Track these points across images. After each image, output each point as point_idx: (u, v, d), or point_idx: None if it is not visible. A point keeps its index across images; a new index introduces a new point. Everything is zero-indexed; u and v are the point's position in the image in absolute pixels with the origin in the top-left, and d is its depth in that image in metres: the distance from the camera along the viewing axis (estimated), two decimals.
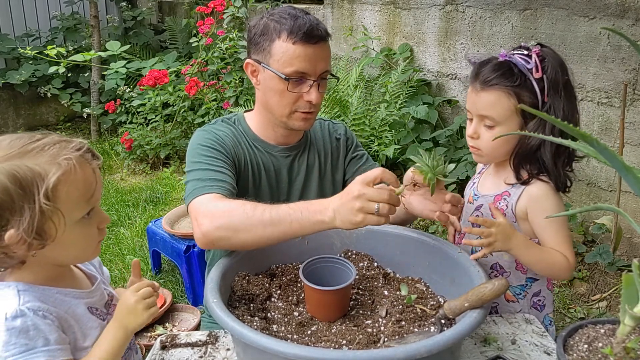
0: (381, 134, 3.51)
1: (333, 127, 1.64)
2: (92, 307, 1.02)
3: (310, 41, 1.35)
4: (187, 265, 2.61)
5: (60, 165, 0.90)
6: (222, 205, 1.23)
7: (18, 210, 0.87)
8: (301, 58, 1.36)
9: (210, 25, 4.06)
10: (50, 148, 0.91)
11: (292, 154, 1.53)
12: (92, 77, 4.97)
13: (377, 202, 1.05)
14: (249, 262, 1.25)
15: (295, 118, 1.43)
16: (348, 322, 1.12)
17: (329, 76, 1.46)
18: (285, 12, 1.40)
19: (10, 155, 0.89)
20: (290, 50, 1.36)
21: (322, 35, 1.38)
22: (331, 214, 1.10)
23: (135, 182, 4.16)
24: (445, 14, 3.66)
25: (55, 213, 0.89)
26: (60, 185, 0.89)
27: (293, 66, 1.36)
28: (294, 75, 1.37)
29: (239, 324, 0.94)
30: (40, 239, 0.90)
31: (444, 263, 1.20)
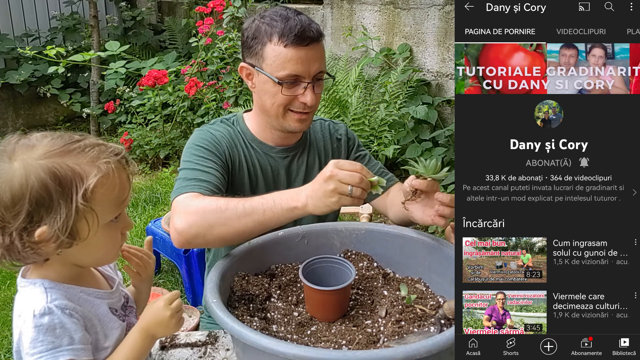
0: (381, 134, 3.51)
1: (334, 127, 1.63)
2: (113, 308, 1.03)
3: (302, 43, 1.34)
4: (186, 266, 2.61)
5: (100, 168, 0.91)
6: (196, 202, 1.23)
7: (55, 207, 0.88)
8: (294, 61, 1.35)
9: (209, 25, 4.06)
10: (90, 150, 0.93)
11: (290, 155, 1.52)
12: (92, 77, 4.97)
13: (349, 185, 1.08)
14: (249, 262, 1.24)
15: (290, 119, 1.43)
16: (348, 322, 1.12)
17: (325, 76, 1.45)
18: (277, 14, 1.38)
19: (52, 153, 0.90)
20: (282, 54, 1.35)
21: (314, 37, 1.36)
22: (304, 200, 1.13)
23: (135, 182, 4.15)
24: (444, 14, 3.66)
25: (90, 214, 0.90)
26: (98, 187, 0.90)
27: (286, 69, 1.36)
28: (287, 79, 1.37)
29: (238, 324, 0.94)
30: (71, 239, 0.90)
31: (444, 263, 1.20)
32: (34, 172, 0.87)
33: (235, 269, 1.20)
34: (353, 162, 1.13)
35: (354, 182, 1.08)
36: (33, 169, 0.87)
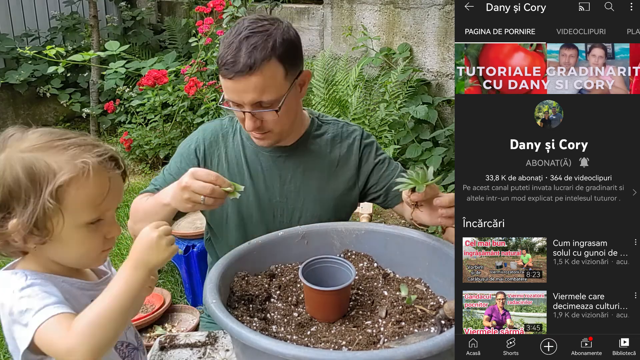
0: (381, 133, 3.51)
1: (347, 130, 1.56)
2: None
3: (227, 75, 1.32)
4: (186, 266, 2.61)
5: (75, 166, 0.91)
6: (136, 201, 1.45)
7: (23, 201, 0.89)
8: (228, 89, 1.36)
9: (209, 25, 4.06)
10: (73, 149, 0.93)
11: (282, 155, 1.51)
12: (92, 77, 4.97)
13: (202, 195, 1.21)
14: (249, 262, 1.24)
15: (253, 135, 1.45)
16: (348, 322, 1.12)
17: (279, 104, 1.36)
18: (234, 31, 1.34)
19: (34, 147, 0.92)
20: (222, 80, 1.37)
21: (239, 70, 1.30)
22: (169, 199, 1.29)
23: (135, 182, 4.15)
24: (444, 13, 3.66)
25: (57, 213, 0.90)
26: (69, 186, 0.90)
27: (225, 94, 1.38)
28: (228, 104, 1.40)
29: (238, 324, 0.94)
30: (40, 234, 0.91)
31: (444, 263, 1.20)
32: (11, 165, 0.90)
33: (235, 269, 1.20)
34: (210, 172, 1.23)
35: (205, 193, 1.21)
36: (12, 162, 0.90)
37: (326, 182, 1.52)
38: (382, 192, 1.55)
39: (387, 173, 1.54)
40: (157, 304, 2.54)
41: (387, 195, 1.55)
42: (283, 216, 1.51)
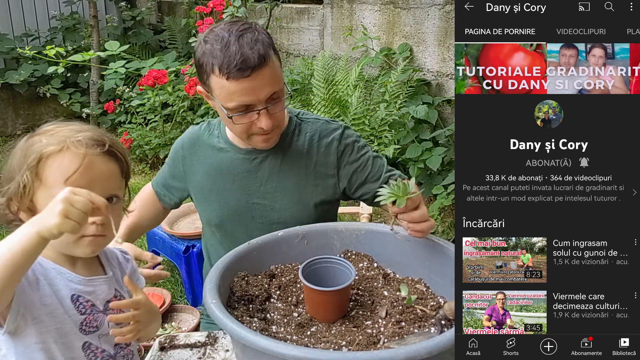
0: (381, 133, 3.51)
1: (326, 129, 1.51)
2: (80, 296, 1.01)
3: (243, 75, 1.27)
4: (186, 266, 2.61)
5: (59, 143, 0.96)
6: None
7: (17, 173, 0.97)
8: (239, 92, 1.29)
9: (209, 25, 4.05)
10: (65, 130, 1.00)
11: (259, 157, 1.48)
12: (92, 77, 4.97)
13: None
14: (248, 262, 1.24)
15: (255, 141, 1.42)
16: (348, 322, 1.12)
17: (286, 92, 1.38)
18: (218, 39, 1.29)
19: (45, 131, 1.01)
20: (226, 86, 1.29)
21: (255, 64, 1.27)
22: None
23: (135, 182, 4.15)
24: (445, 13, 3.66)
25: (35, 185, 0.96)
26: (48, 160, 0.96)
27: (234, 101, 1.31)
28: (239, 109, 1.32)
29: (238, 325, 0.94)
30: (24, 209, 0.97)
31: (444, 263, 1.19)
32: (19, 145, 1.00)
33: (234, 270, 1.20)
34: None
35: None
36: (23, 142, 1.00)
37: (304, 182, 1.49)
38: (371, 192, 1.50)
39: (372, 172, 1.50)
40: (157, 304, 2.54)
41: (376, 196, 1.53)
42: (262, 217, 1.49)
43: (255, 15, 4.73)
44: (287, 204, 1.48)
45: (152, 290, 2.69)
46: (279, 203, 1.48)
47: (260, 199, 1.49)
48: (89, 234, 0.98)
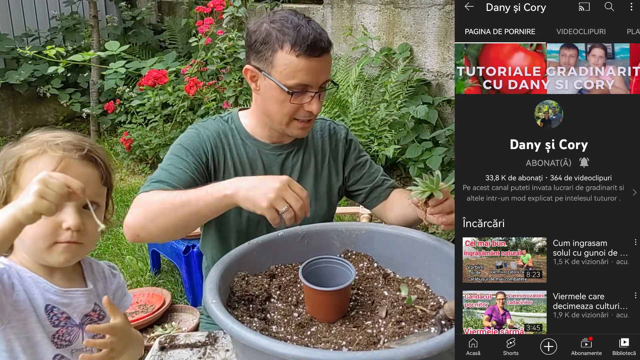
0: (381, 133, 3.50)
1: (334, 128, 1.63)
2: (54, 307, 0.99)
3: (313, 54, 1.34)
4: (186, 266, 2.61)
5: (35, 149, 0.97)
6: (145, 197, 1.30)
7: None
8: (304, 71, 1.35)
9: (209, 25, 4.06)
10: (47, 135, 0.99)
11: (284, 152, 1.52)
12: (92, 77, 4.97)
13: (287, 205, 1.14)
14: (248, 262, 1.24)
15: (293, 126, 1.44)
16: (348, 322, 1.12)
17: (330, 85, 1.46)
18: (288, 20, 1.36)
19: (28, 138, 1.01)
20: (293, 63, 1.34)
21: (325, 47, 1.36)
22: (234, 189, 1.18)
23: (135, 182, 4.15)
24: (445, 13, 3.66)
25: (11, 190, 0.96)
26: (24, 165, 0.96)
27: (295, 79, 1.36)
28: (296, 88, 1.37)
29: (238, 325, 0.94)
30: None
31: (444, 263, 1.19)
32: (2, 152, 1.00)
33: (235, 269, 1.20)
34: (303, 189, 1.18)
35: (294, 205, 1.14)
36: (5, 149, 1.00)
37: (320, 177, 1.56)
38: (364, 192, 1.61)
39: (368, 173, 1.61)
40: (157, 304, 2.54)
41: (368, 196, 1.61)
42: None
43: (256, 15, 4.73)
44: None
45: (152, 290, 2.70)
46: None
47: None
48: (63, 241, 0.96)
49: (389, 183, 1.62)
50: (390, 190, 1.61)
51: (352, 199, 1.68)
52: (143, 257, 3.08)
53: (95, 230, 0.99)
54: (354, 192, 1.63)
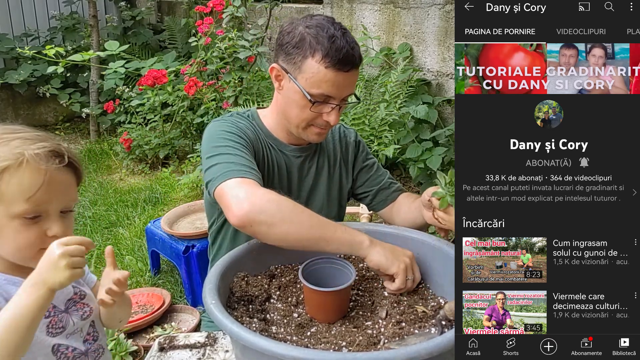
0: (381, 133, 3.50)
1: (344, 132, 1.63)
2: None
3: (343, 69, 1.33)
4: (186, 266, 2.61)
5: (12, 156, 0.94)
6: (266, 192, 1.23)
7: None
8: (330, 83, 1.34)
9: (209, 24, 4.05)
10: (18, 141, 0.96)
11: (303, 155, 1.53)
12: (91, 77, 4.97)
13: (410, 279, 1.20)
14: (248, 262, 1.24)
15: (310, 132, 1.44)
16: (348, 323, 1.11)
17: (352, 98, 1.45)
18: (324, 28, 1.34)
19: None
20: (321, 73, 1.33)
21: (356, 63, 1.36)
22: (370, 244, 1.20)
23: (134, 182, 4.15)
24: (445, 13, 3.66)
25: None
26: (3, 175, 0.93)
27: (320, 88, 1.35)
28: (319, 98, 1.36)
29: (237, 325, 0.93)
30: None
31: (444, 263, 1.19)
32: None
33: (234, 270, 1.20)
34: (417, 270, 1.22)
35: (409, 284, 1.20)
36: None
37: (332, 180, 1.58)
38: (370, 194, 1.63)
39: (375, 176, 1.63)
40: (157, 305, 2.54)
41: (374, 199, 1.63)
42: None
43: (255, 15, 4.73)
44: (320, 202, 1.55)
45: (152, 290, 2.70)
46: (312, 200, 1.54)
47: (296, 197, 1.51)
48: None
49: (395, 186, 1.64)
50: (397, 194, 1.62)
51: (359, 201, 1.69)
52: (143, 257, 3.07)
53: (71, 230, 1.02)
54: (361, 194, 1.64)
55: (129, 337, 2.24)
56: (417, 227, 1.46)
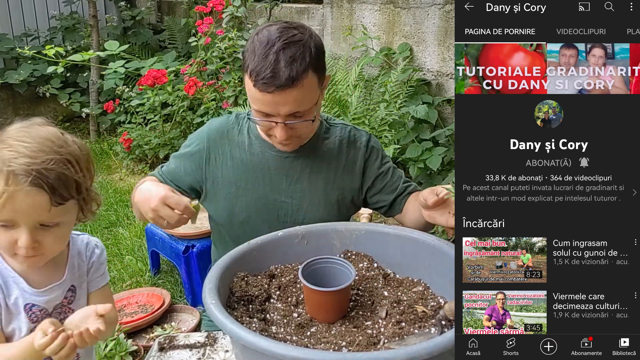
0: (381, 133, 3.50)
1: (354, 135, 1.56)
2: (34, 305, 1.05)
3: (267, 90, 1.28)
4: (186, 266, 2.61)
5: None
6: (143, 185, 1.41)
7: None
8: (260, 101, 1.32)
9: (209, 24, 4.05)
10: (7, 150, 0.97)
11: (291, 156, 1.50)
12: (91, 77, 4.97)
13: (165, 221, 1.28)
14: (248, 262, 1.24)
15: (273, 141, 1.44)
16: (348, 323, 1.11)
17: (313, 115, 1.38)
18: (264, 43, 1.29)
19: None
20: (252, 90, 1.32)
21: (281, 85, 1.27)
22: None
23: (134, 182, 4.15)
24: (445, 13, 3.66)
25: None
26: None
27: (256, 105, 1.34)
28: (258, 115, 1.36)
29: (237, 325, 0.93)
30: None
31: (444, 263, 1.19)
32: None
33: (234, 270, 1.20)
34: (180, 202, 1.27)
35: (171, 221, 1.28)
36: None
37: (332, 185, 1.53)
38: (387, 203, 1.57)
39: (391, 182, 1.56)
40: (157, 305, 2.54)
41: (391, 207, 1.57)
42: (287, 216, 1.51)
43: (255, 15, 4.73)
44: (314, 205, 1.51)
45: (152, 290, 2.70)
46: (306, 203, 1.51)
47: (288, 198, 1.50)
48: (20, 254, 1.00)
49: (410, 189, 1.57)
50: (408, 197, 1.56)
51: (374, 210, 1.63)
52: (142, 257, 3.07)
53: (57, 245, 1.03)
54: (376, 202, 1.58)
55: (128, 337, 2.24)
56: (422, 225, 1.45)
